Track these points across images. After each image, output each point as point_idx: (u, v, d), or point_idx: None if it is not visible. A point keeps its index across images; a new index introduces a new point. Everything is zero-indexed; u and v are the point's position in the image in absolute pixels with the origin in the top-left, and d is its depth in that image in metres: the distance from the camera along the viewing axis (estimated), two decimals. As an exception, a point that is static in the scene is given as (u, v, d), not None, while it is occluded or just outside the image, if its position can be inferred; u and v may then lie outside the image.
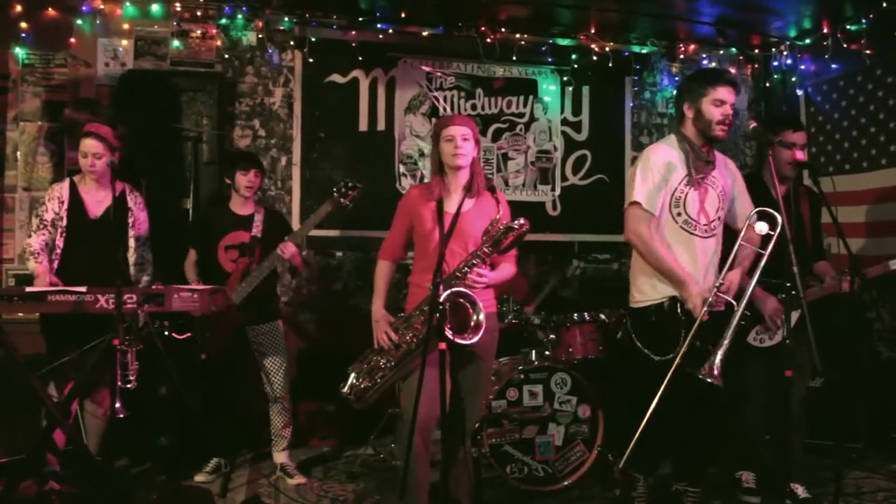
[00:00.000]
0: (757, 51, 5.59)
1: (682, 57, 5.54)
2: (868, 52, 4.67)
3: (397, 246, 3.07)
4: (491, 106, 5.30)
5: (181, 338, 3.56)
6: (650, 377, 2.85)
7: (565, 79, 5.39)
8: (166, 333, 3.52)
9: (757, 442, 3.64)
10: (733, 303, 2.85)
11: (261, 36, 4.88)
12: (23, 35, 4.52)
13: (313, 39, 4.84)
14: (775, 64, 5.50)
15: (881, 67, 4.74)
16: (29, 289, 2.98)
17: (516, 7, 4.88)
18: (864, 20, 4.64)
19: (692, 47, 5.52)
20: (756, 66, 5.71)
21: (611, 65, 5.26)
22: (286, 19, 4.87)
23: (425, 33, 5.03)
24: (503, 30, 5.10)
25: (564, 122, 5.44)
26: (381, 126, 5.12)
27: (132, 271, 3.58)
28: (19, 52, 4.55)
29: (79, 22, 4.60)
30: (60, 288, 2.97)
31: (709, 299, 2.83)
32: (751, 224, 2.88)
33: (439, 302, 2.54)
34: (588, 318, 3.97)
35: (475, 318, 2.72)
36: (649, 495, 3.23)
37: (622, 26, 5.26)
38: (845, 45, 4.78)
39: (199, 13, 4.77)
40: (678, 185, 3.00)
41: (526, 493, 3.69)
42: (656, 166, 3.00)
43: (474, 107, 5.26)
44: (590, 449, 3.79)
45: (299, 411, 4.30)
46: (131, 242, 3.61)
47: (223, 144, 4.69)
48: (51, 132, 4.58)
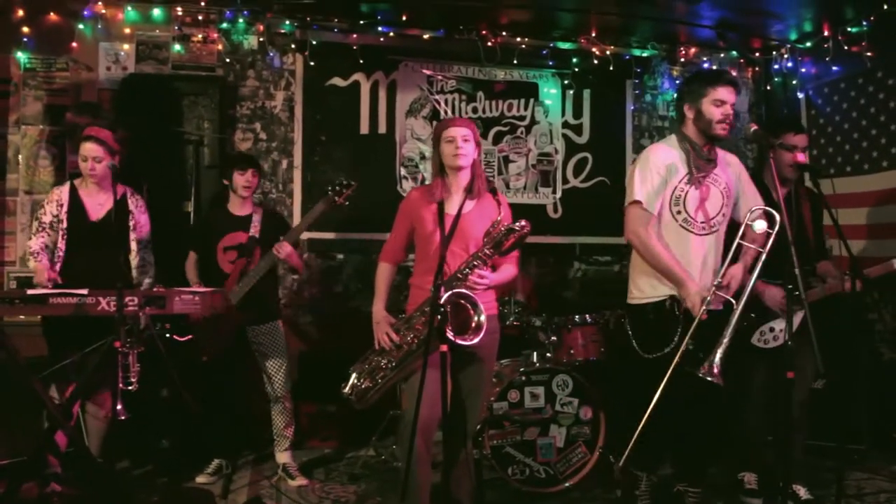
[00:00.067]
0: (757, 54, 5.60)
1: (682, 60, 5.54)
2: (869, 54, 4.66)
3: (398, 248, 3.07)
4: (492, 109, 5.30)
5: (182, 340, 3.57)
6: (648, 375, 2.85)
7: (566, 82, 5.40)
8: (167, 336, 3.53)
9: (759, 443, 3.63)
10: (732, 301, 2.85)
11: (262, 39, 4.88)
12: (25, 39, 4.53)
13: (314, 43, 4.85)
14: (776, 67, 5.50)
15: (882, 70, 4.74)
16: (31, 291, 2.98)
17: (517, 11, 4.89)
18: (864, 22, 4.64)
19: (693, 50, 5.52)
20: (757, 69, 5.71)
21: (611, 68, 5.26)
22: (287, 23, 4.87)
23: (426, 36, 5.03)
24: (504, 33, 5.11)
25: (565, 125, 5.44)
26: (383, 129, 5.13)
27: (134, 274, 3.59)
28: (21, 56, 4.56)
29: (80, 26, 4.61)
30: (62, 290, 2.97)
31: (707, 298, 2.84)
32: (749, 223, 2.88)
33: (440, 304, 2.54)
34: (589, 319, 3.97)
35: (476, 319, 2.72)
36: (653, 493, 3.23)
37: (623, 30, 5.27)
38: (846, 48, 4.77)
39: (200, 17, 4.77)
40: (678, 183, 3.01)
41: (527, 495, 3.68)
42: (655, 166, 3.01)
43: (475, 110, 5.26)
44: (591, 450, 3.79)
45: (300, 413, 4.30)
46: (133, 245, 3.62)
47: (224, 148, 4.70)
48: (52, 136, 4.59)
